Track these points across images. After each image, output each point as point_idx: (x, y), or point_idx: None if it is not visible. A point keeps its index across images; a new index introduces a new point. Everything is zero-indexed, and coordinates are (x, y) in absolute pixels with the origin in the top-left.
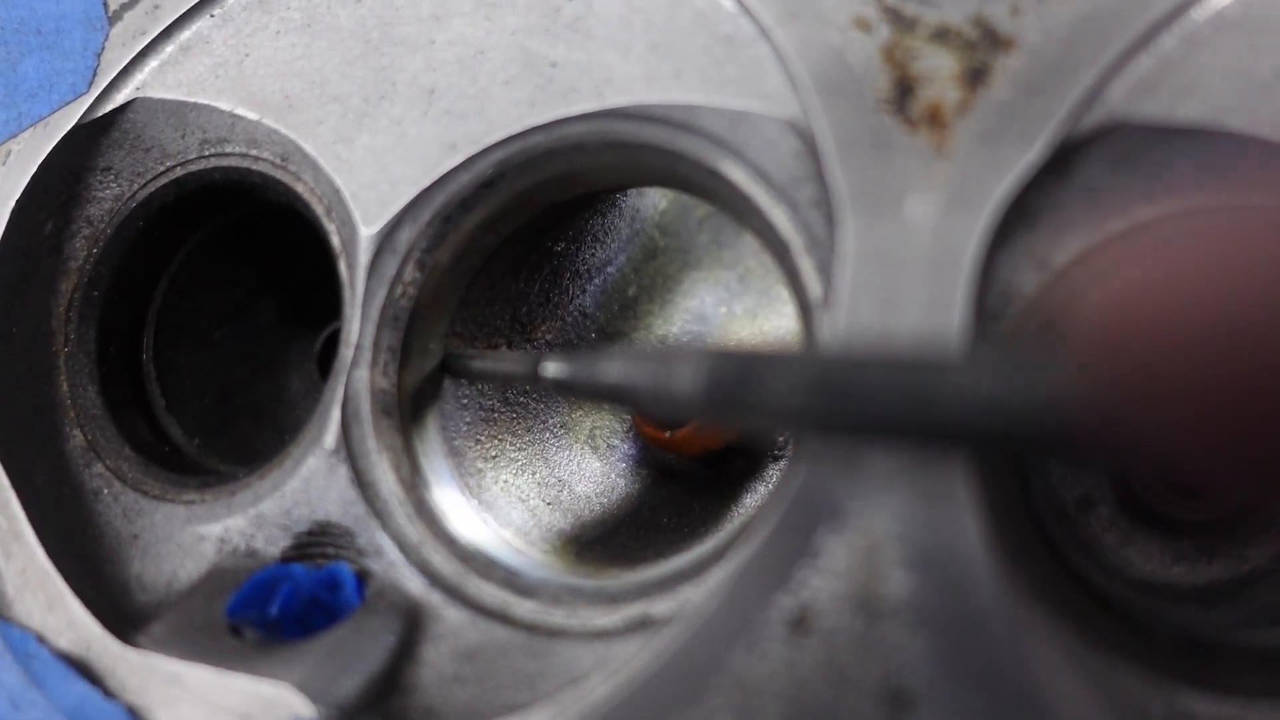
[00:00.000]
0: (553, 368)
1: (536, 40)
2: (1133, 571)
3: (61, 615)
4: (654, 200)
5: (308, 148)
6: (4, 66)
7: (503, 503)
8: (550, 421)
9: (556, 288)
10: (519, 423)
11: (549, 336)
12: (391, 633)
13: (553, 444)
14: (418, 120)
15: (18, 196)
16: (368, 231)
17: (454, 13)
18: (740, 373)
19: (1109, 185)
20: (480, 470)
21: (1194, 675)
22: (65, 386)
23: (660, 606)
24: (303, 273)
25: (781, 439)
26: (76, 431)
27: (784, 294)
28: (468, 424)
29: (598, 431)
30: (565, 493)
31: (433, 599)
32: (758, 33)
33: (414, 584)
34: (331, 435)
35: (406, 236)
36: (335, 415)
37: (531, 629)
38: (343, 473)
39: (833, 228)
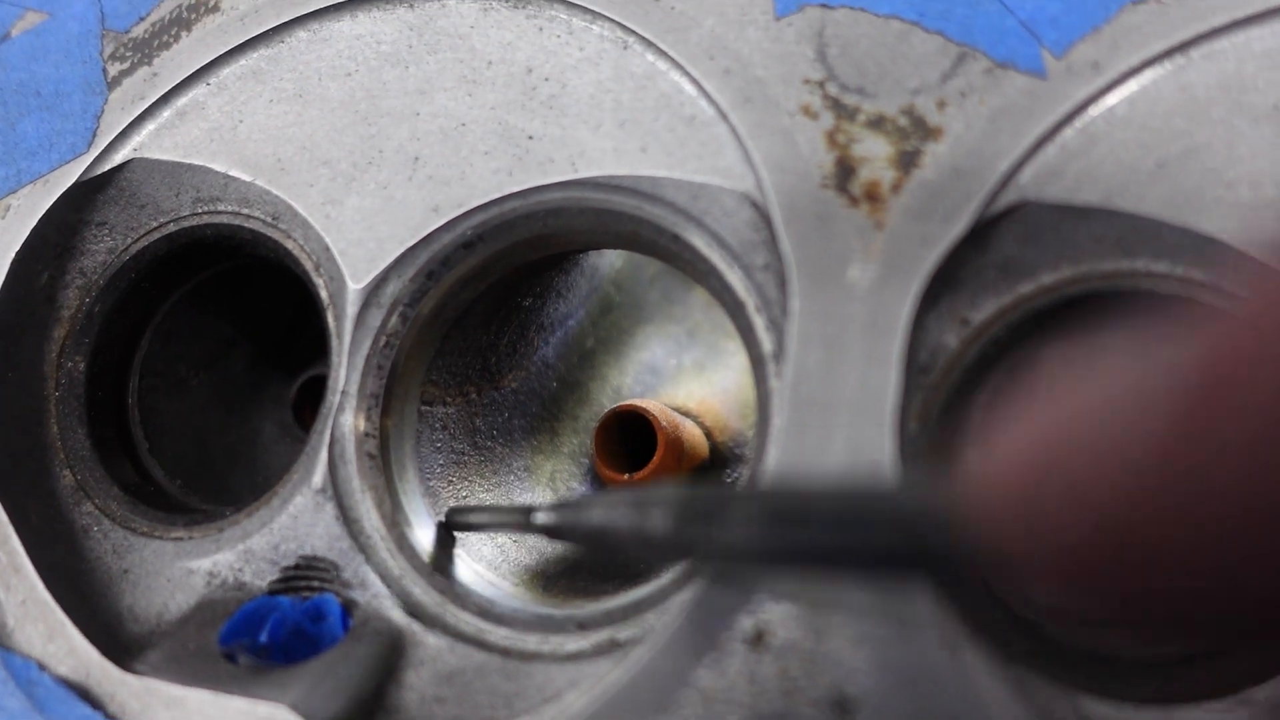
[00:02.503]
0: (542, 516)
1: (514, 115)
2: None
3: (61, 644)
4: (611, 259)
5: (299, 208)
6: (3, 125)
7: (474, 539)
8: (514, 465)
9: (523, 340)
10: (486, 466)
11: (514, 385)
12: (376, 658)
13: (517, 486)
14: (403, 185)
15: (17, 249)
16: (355, 286)
17: (438, 88)
18: (705, 511)
19: (1019, 255)
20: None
21: (1093, 684)
22: (55, 428)
23: (626, 632)
24: (275, 324)
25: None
26: (66, 471)
27: (729, 347)
28: (441, 466)
29: (557, 474)
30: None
31: (414, 627)
32: (716, 115)
33: (396, 613)
34: (319, 475)
35: (391, 291)
36: (323, 456)
37: (506, 653)
38: (329, 510)
39: (783, 290)
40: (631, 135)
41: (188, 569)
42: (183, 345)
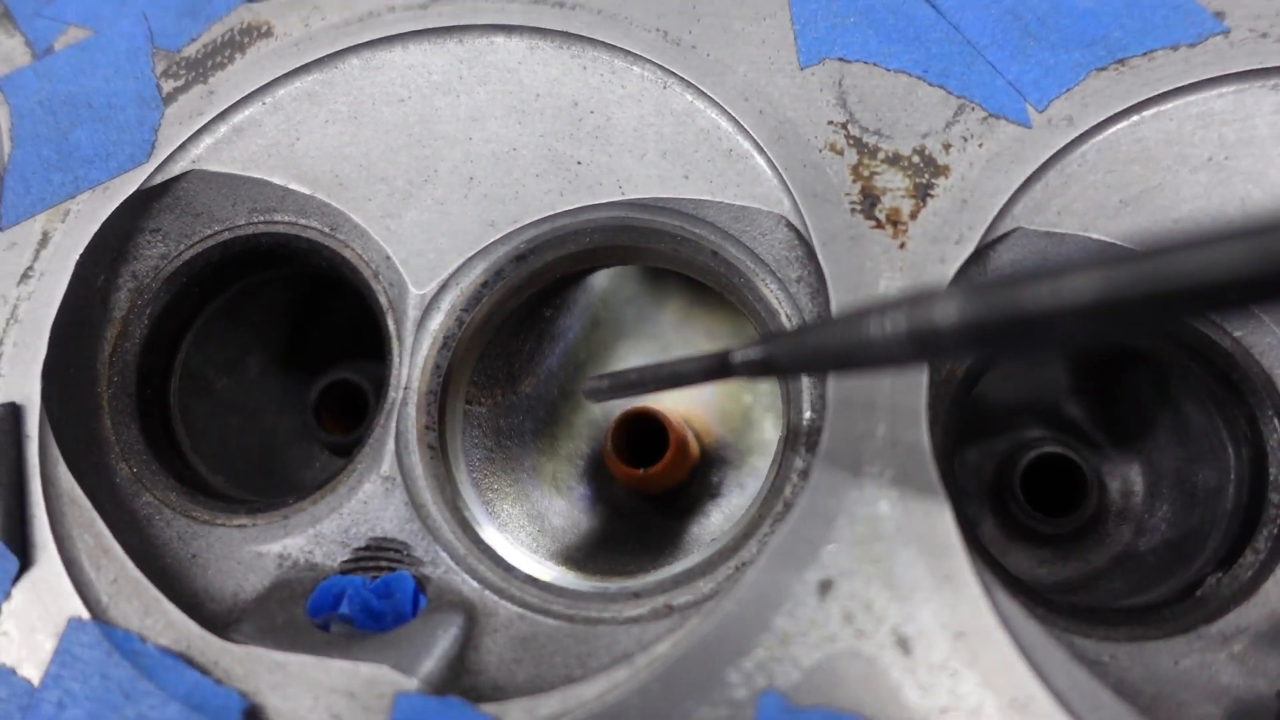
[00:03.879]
0: (751, 352)
1: (563, 143)
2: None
3: (158, 617)
4: (601, 278)
5: (358, 219)
6: (55, 134)
7: (513, 526)
8: (525, 464)
9: (538, 349)
10: (506, 463)
11: (528, 390)
12: (455, 625)
13: (529, 483)
14: (459, 201)
15: (81, 251)
16: (418, 292)
17: (489, 115)
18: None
19: (1010, 272)
20: (491, 500)
21: (1083, 629)
22: (109, 424)
23: (681, 598)
24: (286, 334)
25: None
26: (122, 465)
27: None
28: (478, 460)
29: (558, 475)
30: (545, 524)
31: (486, 598)
32: (753, 148)
33: (467, 587)
34: (388, 463)
35: (450, 298)
36: (390, 447)
37: (571, 620)
38: (399, 495)
39: (814, 300)
40: (674, 164)
41: (257, 553)
42: (212, 350)
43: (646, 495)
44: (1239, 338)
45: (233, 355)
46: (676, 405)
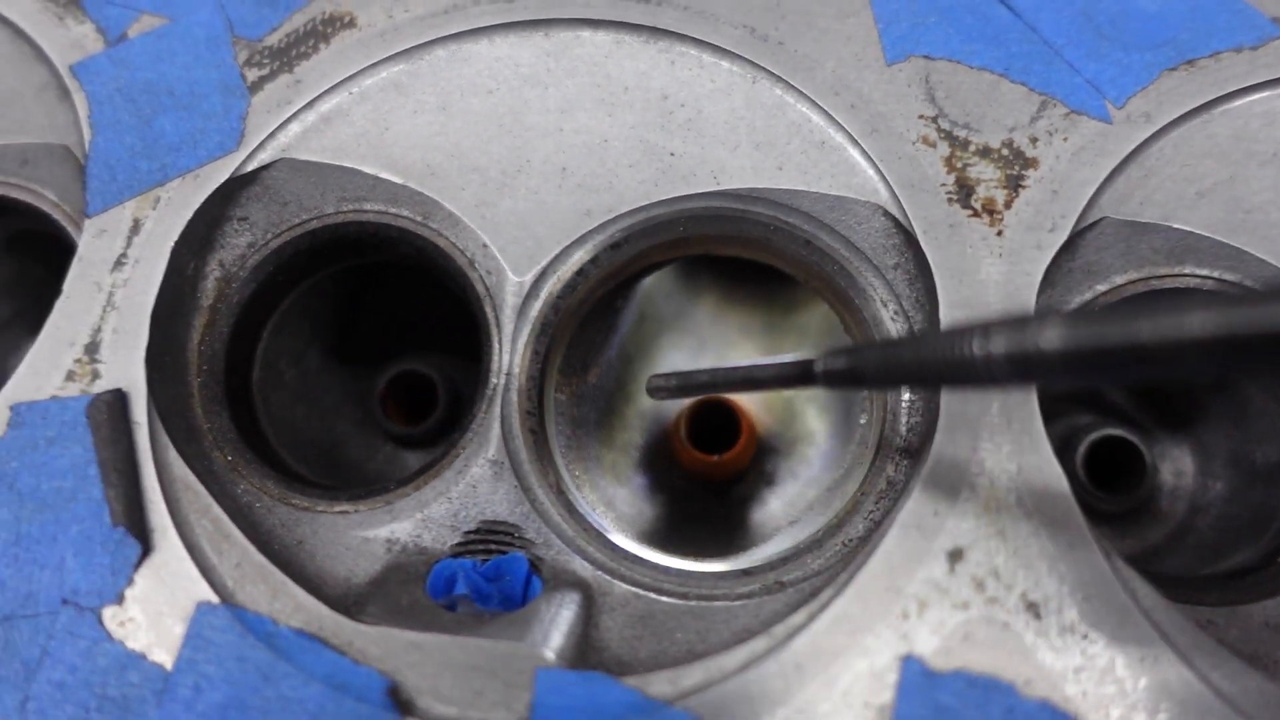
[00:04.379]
0: (840, 361)
1: (655, 134)
2: None
3: (287, 601)
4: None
5: (452, 208)
6: (137, 122)
7: (598, 511)
8: (590, 453)
9: (605, 340)
10: (578, 451)
11: (594, 380)
12: (575, 603)
13: (596, 472)
14: (554, 191)
15: (176, 238)
16: (517, 279)
17: (578, 107)
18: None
19: (1098, 260)
20: (578, 484)
21: (1179, 595)
22: (200, 412)
23: (790, 574)
24: (350, 325)
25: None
26: (217, 453)
27: (735, 355)
28: (563, 447)
29: (617, 465)
30: (614, 510)
31: (599, 578)
32: (847, 140)
33: (581, 567)
34: (494, 447)
35: (549, 285)
36: (496, 431)
37: (686, 597)
38: (507, 479)
39: (911, 286)
40: (768, 155)
41: (363, 538)
42: (286, 340)
43: (706, 484)
44: None
45: (298, 347)
46: (736, 399)
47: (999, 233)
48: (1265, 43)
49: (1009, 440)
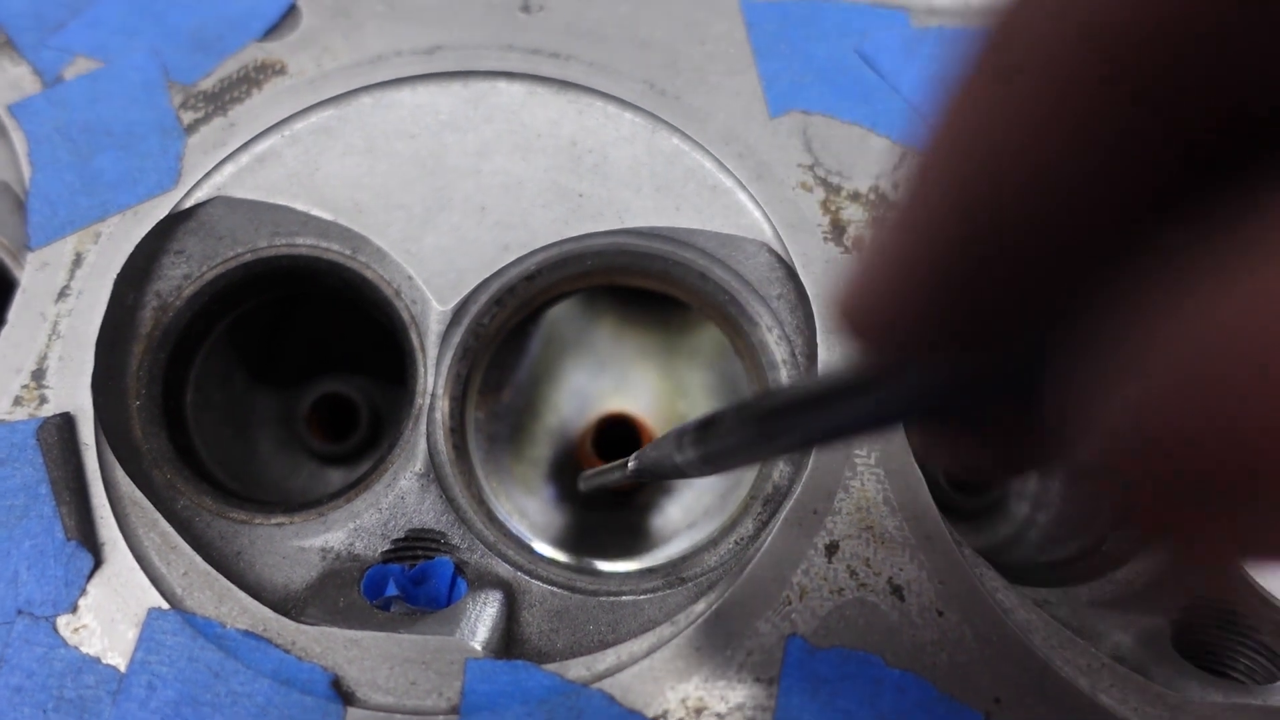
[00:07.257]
0: (631, 463)
1: (565, 177)
2: None
3: (232, 605)
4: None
5: (379, 243)
6: (76, 160)
7: (514, 519)
8: (503, 465)
9: (517, 361)
10: (494, 465)
11: (506, 399)
12: (498, 600)
13: (509, 483)
14: (474, 227)
15: (119, 270)
16: (441, 308)
17: (495, 151)
18: (710, 427)
19: None
20: (495, 495)
21: (1019, 579)
22: (139, 433)
23: (690, 570)
24: (273, 350)
25: None
26: (156, 471)
27: (634, 375)
28: (481, 461)
29: (526, 477)
30: (528, 518)
31: (518, 578)
32: (736, 185)
33: (502, 568)
34: (420, 461)
35: (470, 313)
36: (422, 446)
37: (596, 594)
38: (434, 490)
39: (793, 313)
40: (667, 197)
41: (299, 547)
42: (216, 364)
43: (611, 493)
44: None
45: (227, 370)
46: (635, 412)
47: None
48: None
49: (878, 448)
